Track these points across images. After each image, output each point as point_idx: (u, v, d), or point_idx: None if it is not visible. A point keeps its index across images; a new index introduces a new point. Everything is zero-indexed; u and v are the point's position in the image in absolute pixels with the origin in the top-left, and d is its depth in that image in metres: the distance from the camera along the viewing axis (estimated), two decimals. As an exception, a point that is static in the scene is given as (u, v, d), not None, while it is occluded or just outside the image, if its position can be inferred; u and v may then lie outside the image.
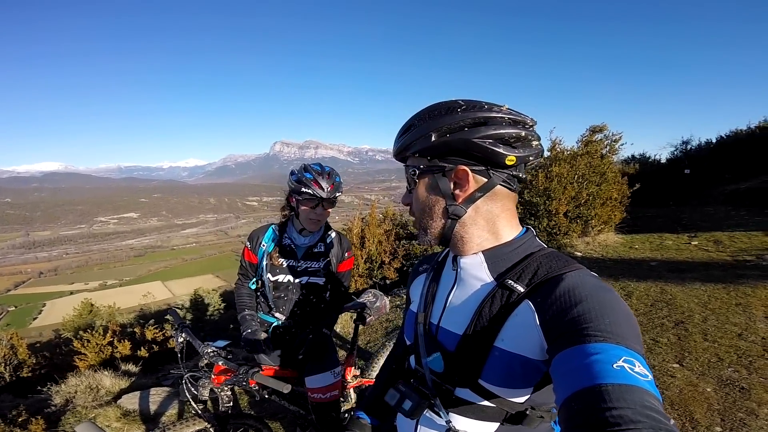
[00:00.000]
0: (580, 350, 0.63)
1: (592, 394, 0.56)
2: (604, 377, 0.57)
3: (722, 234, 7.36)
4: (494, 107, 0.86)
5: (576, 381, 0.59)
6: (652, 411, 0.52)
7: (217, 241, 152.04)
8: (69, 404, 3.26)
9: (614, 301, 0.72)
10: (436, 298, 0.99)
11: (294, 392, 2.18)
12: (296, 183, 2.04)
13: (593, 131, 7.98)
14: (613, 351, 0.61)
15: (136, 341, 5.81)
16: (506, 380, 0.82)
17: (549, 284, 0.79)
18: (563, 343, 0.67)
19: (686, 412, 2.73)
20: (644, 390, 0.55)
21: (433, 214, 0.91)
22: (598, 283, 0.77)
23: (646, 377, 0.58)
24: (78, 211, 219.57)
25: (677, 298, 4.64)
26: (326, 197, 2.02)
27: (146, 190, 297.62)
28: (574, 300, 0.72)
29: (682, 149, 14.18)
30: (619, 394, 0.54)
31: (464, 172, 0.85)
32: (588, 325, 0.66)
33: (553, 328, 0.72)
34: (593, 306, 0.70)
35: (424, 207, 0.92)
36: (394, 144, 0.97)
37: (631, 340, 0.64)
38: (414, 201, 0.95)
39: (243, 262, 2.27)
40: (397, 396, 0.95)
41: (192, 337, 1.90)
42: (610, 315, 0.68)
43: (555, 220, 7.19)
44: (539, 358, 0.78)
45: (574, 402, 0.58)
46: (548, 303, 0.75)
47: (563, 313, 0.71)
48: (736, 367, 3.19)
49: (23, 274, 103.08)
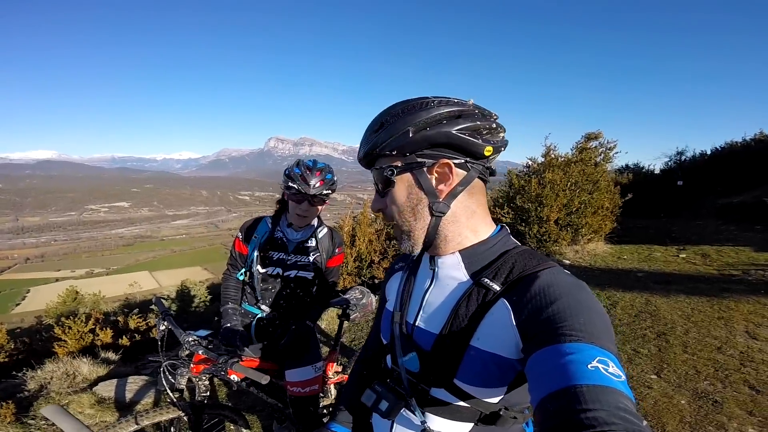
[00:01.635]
0: (555, 350, 0.63)
1: (567, 395, 0.56)
2: (579, 378, 0.57)
3: (710, 248, 7.44)
4: (462, 102, 0.86)
5: (551, 382, 0.59)
6: (625, 412, 0.52)
7: (207, 233, 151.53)
8: (43, 390, 3.21)
9: (588, 299, 0.72)
10: (412, 297, 0.98)
11: (273, 385, 2.16)
12: (286, 177, 2.04)
13: (588, 138, 8.02)
14: (587, 351, 0.61)
15: (119, 330, 5.74)
16: (481, 380, 0.82)
17: (524, 282, 0.79)
18: (538, 343, 0.67)
19: (659, 423, 2.75)
20: (618, 391, 0.55)
21: (416, 214, 0.88)
22: (573, 280, 0.78)
23: (620, 378, 0.58)
24: (69, 199, 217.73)
25: (661, 310, 4.68)
26: (312, 194, 2.00)
27: (138, 180, 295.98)
28: (549, 298, 0.72)
29: (677, 160, 14.23)
30: (594, 395, 0.54)
31: (448, 165, 0.84)
32: (563, 324, 0.66)
33: (528, 326, 0.73)
34: (568, 304, 0.70)
35: (405, 208, 0.89)
36: (361, 146, 0.92)
37: (605, 339, 0.64)
38: (391, 204, 0.91)
39: (233, 252, 2.26)
40: (373, 397, 0.95)
41: (174, 325, 1.88)
42: (585, 314, 0.68)
43: (546, 227, 7.22)
44: (514, 356, 0.78)
45: (550, 403, 0.58)
46: (524, 301, 0.75)
47: (539, 312, 0.71)
48: (711, 381, 3.22)
49: (9, 260, 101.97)
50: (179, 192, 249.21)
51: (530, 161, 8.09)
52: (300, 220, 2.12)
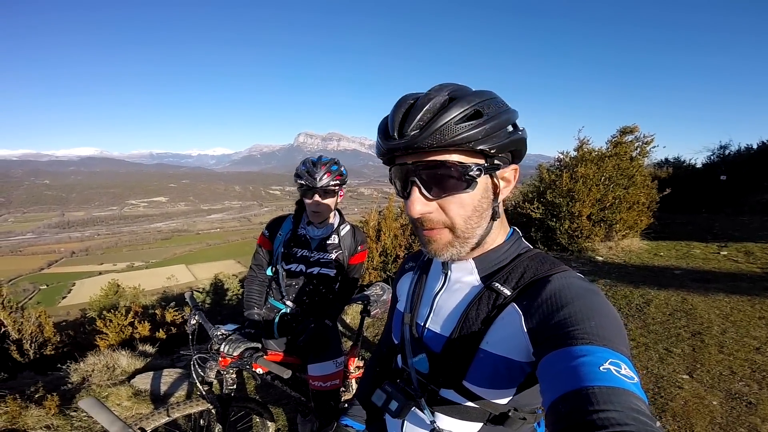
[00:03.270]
0: (567, 352, 0.63)
1: (579, 397, 0.55)
2: (591, 380, 0.56)
3: (755, 245, 7.06)
4: None
5: (563, 383, 0.59)
6: (638, 413, 0.52)
7: (240, 227, 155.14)
8: (85, 382, 3.37)
9: (600, 303, 0.71)
10: (422, 299, 0.99)
11: (296, 379, 2.22)
12: (295, 175, 2.11)
13: (623, 132, 7.72)
14: (599, 353, 0.60)
15: (156, 323, 5.96)
16: (490, 382, 0.82)
17: (535, 287, 0.78)
18: (550, 346, 0.67)
19: (687, 424, 2.66)
20: (630, 392, 0.55)
21: (482, 219, 0.83)
22: (585, 284, 0.76)
23: (632, 379, 0.57)
24: (111, 194, 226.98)
25: (698, 309, 4.50)
26: (318, 186, 2.04)
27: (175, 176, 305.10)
28: (560, 302, 0.72)
29: (720, 154, 13.54)
30: (606, 396, 0.54)
31: (516, 170, 0.85)
32: (574, 328, 0.66)
33: (539, 330, 0.72)
34: (579, 308, 0.69)
35: (476, 212, 0.81)
36: (448, 127, 0.73)
37: (617, 342, 0.64)
38: (458, 206, 0.79)
39: (259, 250, 2.32)
40: (384, 396, 0.95)
41: (204, 319, 1.97)
42: (596, 317, 0.67)
43: (577, 222, 7.03)
44: (524, 360, 0.78)
45: (562, 404, 0.57)
46: (535, 306, 0.75)
47: (550, 316, 0.71)
48: (747, 382, 3.09)
49: (56, 254, 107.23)
50: (214, 187, 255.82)
51: (562, 155, 7.87)
52: (315, 216, 2.16)
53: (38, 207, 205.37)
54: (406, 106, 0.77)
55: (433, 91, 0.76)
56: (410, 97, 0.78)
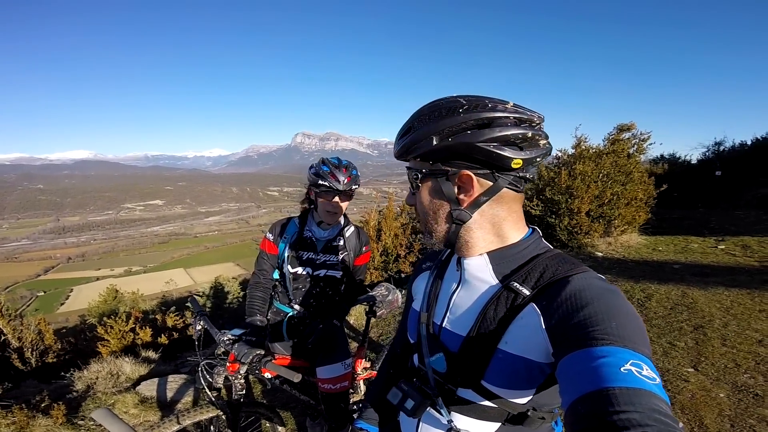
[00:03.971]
0: (587, 353, 0.63)
1: (600, 398, 0.55)
2: (612, 380, 0.56)
3: (751, 239, 7.12)
4: (498, 105, 0.82)
5: (583, 384, 0.59)
6: (660, 414, 0.52)
7: (238, 229, 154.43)
8: (90, 390, 3.34)
9: (621, 303, 0.71)
10: (439, 298, 0.98)
11: (305, 382, 2.22)
12: (314, 176, 2.07)
13: (620, 130, 7.76)
14: (620, 354, 0.60)
15: (157, 328, 5.94)
16: (509, 382, 0.82)
17: (555, 287, 0.78)
18: (570, 347, 0.66)
19: (696, 416, 2.69)
20: (652, 393, 0.55)
21: (438, 219, 0.89)
22: (605, 285, 0.76)
23: (654, 380, 0.57)
24: (106, 198, 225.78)
25: (699, 302, 4.53)
26: (342, 189, 2.05)
27: (172, 179, 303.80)
28: (580, 303, 0.71)
29: (715, 150, 13.69)
30: (627, 397, 0.54)
31: (468, 177, 0.83)
32: (595, 328, 0.65)
33: (559, 331, 0.72)
34: (600, 309, 0.69)
35: (428, 211, 0.91)
36: (395, 145, 0.93)
37: (639, 343, 0.63)
38: (418, 203, 0.93)
39: (263, 255, 2.27)
40: (399, 395, 0.95)
41: (209, 325, 1.94)
42: (617, 318, 0.67)
43: (577, 219, 7.06)
44: (544, 360, 0.77)
45: (581, 405, 0.57)
46: (554, 306, 0.74)
47: (569, 317, 0.71)
48: (752, 374, 3.12)
49: (53, 260, 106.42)
50: (211, 189, 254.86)
51: (560, 153, 7.91)
52: (330, 217, 2.15)
53: (32, 212, 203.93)
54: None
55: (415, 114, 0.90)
56: None
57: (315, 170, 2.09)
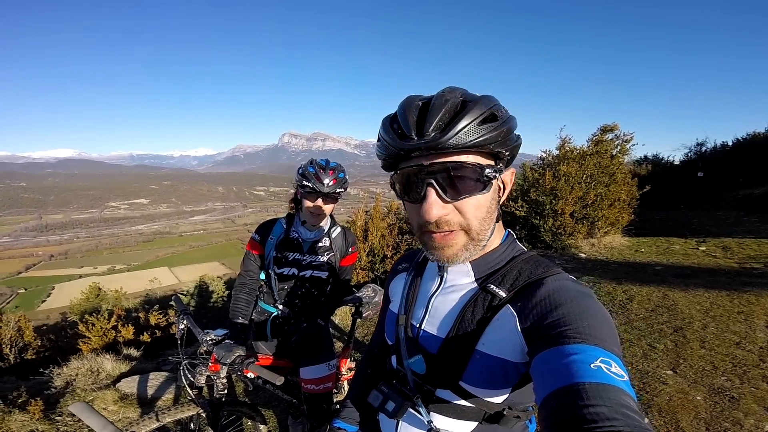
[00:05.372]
0: (560, 351, 0.64)
1: (570, 393, 0.57)
2: (582, 376, 0.58)
3: (731, 240, 7.27)
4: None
5: (555, 380, 0.61)
6: (627, 409, 0.54)
7: (224, 228, 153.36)
8: (69, 386, 3.30)
9: (592, 304, 0.73)
10: (417, 300, 0.99)
11: (288, 382, 2.21)
12: (300, 176, 2.07)
13: (604, 131, 7.87)
14: (590, 351, 0.62)
15: (140, 326, 5.86)
16: (486, 382, 0.84)
17: (530, 289, 0.80)
18: (543, 345, 0.68)
19: (673, 419, 2.72)
20: (620, 389, 0.57)
21: (492, 220, 0.85)
22: (578, 287, 0.78)
23: (622, 377, 0.59)
24: (90, 196, 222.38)
25: (679, 304, 4.61)
26: (326, 192, 2.04)
27: (157, 177, 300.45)
28: (553, 304, 0.73)
29: (697, 151, 14.01)
30: (596, 392, 0.55)
31: (514, 173, 0.88)
32: (567, 327, 0.67)
33: (533, 331, 0.74)
34: (572, 309, 0.71)
35: (488, 213, 0.83)
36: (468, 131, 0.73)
37: (609, 341, 0.65)
38: (475, 207, 0.80)
39: (249, 256, 2.25)
40: (380, 398, 0.96)
41: (193, 324, 1.94)
42: (589, 318, 0.69)
43: (560, 220, 7.14)
44: (519, 360, 0.79)
45: (553, 400, 0.59)
46: (529, 307, 0.77)
47: (543, 317, 0.73)
48: (729, 376, 3.17)
49: (34, 257, 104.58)
50: (196, 188, 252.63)
51: (544, 154, 7.99)
52: (313, 218, 2.14)
53: (14, 210, 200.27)
54: (418, 106, 0.77)
55: (447, 92, 0.77)
56: (418, 99, 0.79)
57: (302, 170, 2.08)
